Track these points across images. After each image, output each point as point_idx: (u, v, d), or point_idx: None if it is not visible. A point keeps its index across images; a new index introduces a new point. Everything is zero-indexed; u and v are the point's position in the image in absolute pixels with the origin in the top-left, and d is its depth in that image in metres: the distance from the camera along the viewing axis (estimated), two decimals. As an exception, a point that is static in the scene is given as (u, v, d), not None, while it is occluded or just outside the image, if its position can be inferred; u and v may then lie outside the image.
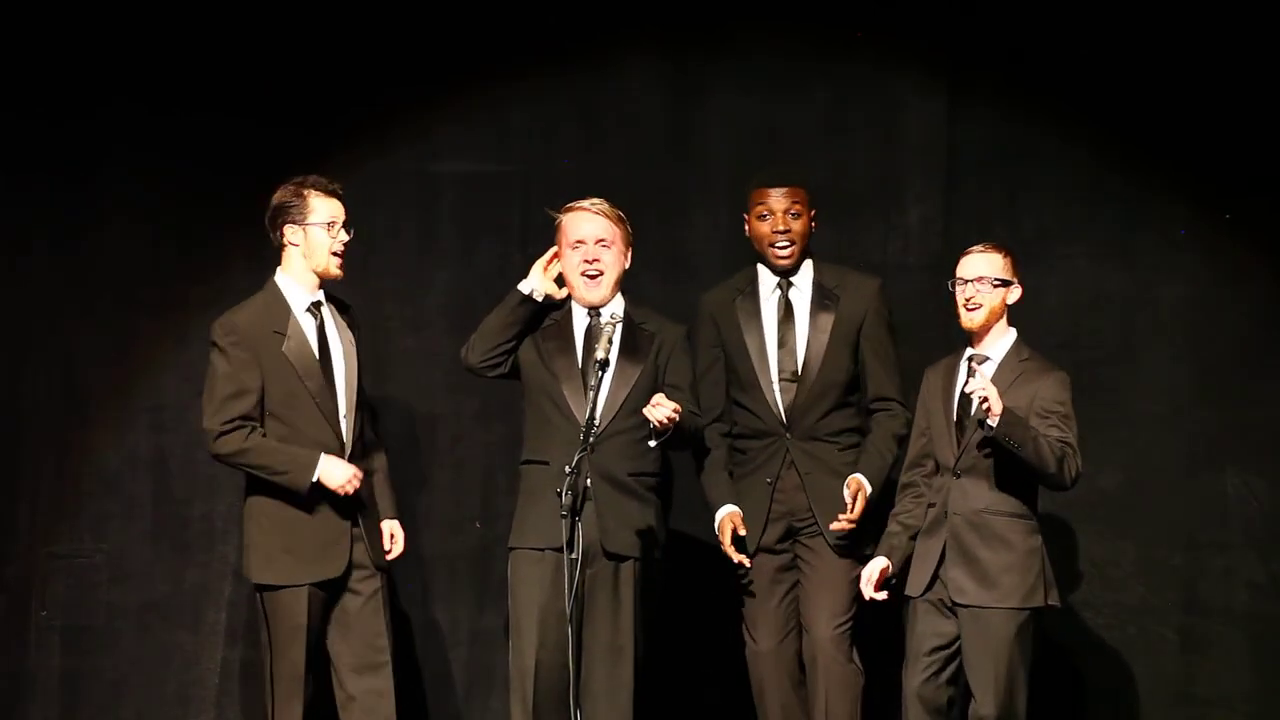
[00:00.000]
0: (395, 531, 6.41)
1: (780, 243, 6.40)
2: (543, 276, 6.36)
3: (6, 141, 7.28)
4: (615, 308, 6.33)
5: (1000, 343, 6.16)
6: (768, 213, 6.41)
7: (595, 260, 6.33)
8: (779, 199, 6.40)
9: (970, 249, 6.16)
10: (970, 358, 6.14)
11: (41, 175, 7.29)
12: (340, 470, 6.12)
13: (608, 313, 6.31)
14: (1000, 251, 6.14)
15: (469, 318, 6.56)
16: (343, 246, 6.25)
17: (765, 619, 6.39)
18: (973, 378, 5.96)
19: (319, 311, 6.27)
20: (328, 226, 6.22)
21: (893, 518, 6.24)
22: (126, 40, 7.25)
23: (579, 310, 6.38)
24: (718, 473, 6.43)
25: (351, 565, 6.17)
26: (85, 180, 7.27)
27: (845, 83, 7.16)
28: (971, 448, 6.06)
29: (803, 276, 6.46)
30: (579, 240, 6.34)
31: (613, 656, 6.21)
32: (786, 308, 6.45)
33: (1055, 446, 5.96)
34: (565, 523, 5.98)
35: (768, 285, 6.48)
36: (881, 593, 6.17)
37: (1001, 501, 6.04)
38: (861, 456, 6.36)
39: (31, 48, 7.27)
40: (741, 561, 6.29)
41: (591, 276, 6.34)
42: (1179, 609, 6.93)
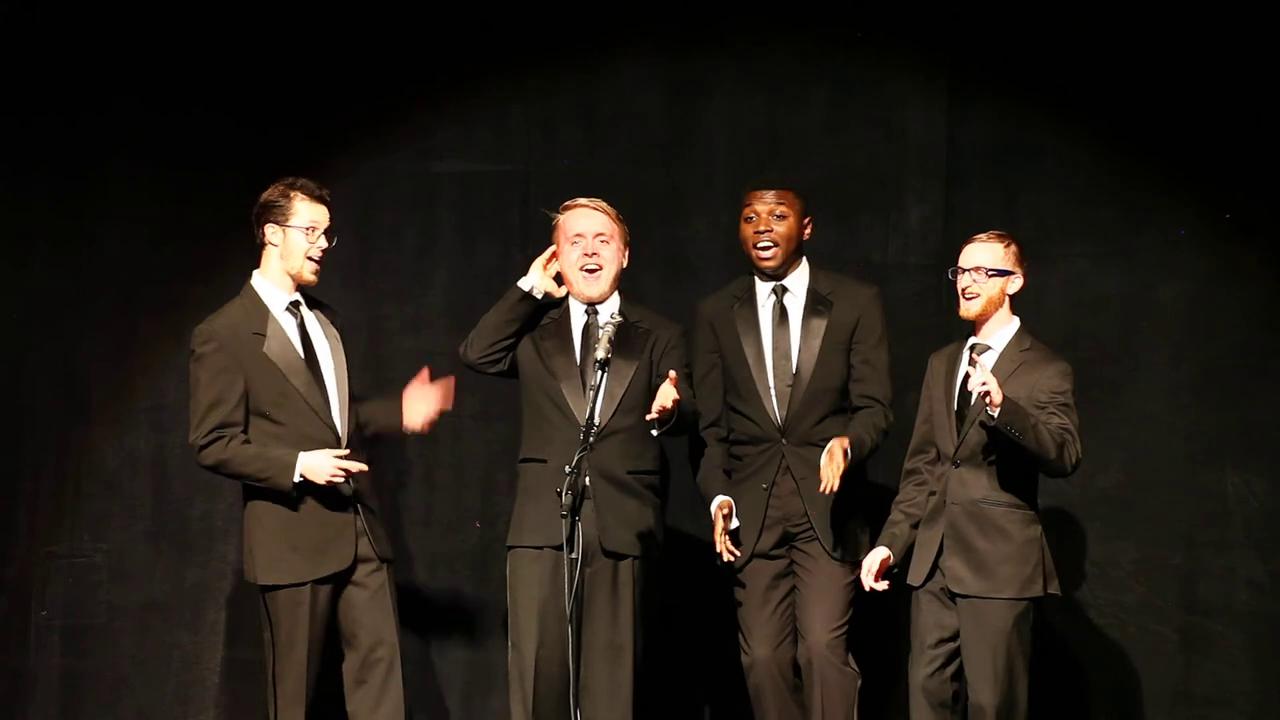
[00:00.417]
0: None
1: (762, 243, 6.37)
2: (542, 274, 6.36)
3: (6, 141, 7.28)
4: (612, 306, 6.33)
5: (1002, 332, 6.15)
6: (753, 215, 6.39)
7: (594, 254, 6.32)
8: (764, 201, 6.38)
9: (974, 237, 6.15)
10: (972, 347, 6.15)
11: (41, 175, 7.29)
12: (322, 461, 6.08)
13: (605, 312, 6.31)
14: (1003, 241, 6.12)
15: (469, 317, 6.55)
16: (320, 253, 6.19)
17: (761, 626, 6.37)
18: (973, 369, 5.95)
19: (298, 311, 6.24)
20: (308, 231, 6.17)
21: (895, 506, 6.23)
22: (126, 41, 7.25)
23: (577, 309, 6.38)
24: (713, 470, 6.43)
25: (357, 559, 6.16)
26: (85, 180, 7.28)
27: (845, 83, 7.16)
28: (971, 438, 6.05)
29: (798, 283, 6.44)
30: (578, 235, 6.34)
31: (612, 655, 6.21)
32: (781, 314, 6.44)
33: (1055, 433, 5.95)
34: (565, 522, 5.98)
35: (763, 292, 6.45)
36: (882, 583, 6.15)
37: (1000, 492, 6.04)
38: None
39: (31, 48, 7.27)
40: (731, 555, 6.25)
41: (590, 271, 6.33)
42: (1179, 608, 6.93)
